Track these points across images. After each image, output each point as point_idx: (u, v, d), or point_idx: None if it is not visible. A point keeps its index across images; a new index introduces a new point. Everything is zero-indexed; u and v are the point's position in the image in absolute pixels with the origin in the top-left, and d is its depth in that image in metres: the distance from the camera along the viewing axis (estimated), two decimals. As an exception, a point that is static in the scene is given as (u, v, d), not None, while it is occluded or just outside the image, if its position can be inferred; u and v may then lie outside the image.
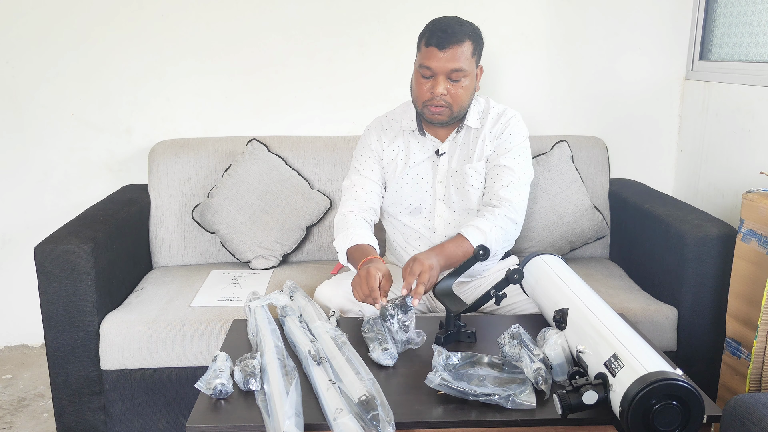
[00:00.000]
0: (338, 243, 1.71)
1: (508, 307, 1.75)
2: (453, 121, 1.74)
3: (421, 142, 1.80)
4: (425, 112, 1.71)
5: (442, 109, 1.68)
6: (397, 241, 1.88)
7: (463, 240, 1.66)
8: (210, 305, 1.90)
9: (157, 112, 2.45)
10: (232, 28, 2.39)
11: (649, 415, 1.04)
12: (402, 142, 1.82)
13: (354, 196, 1.79)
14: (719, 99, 2.28)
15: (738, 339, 1.68)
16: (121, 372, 1.80)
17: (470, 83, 1.69)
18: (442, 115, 1.69)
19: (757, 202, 1.62)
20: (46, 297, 1.75)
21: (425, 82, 1.67)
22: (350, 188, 1.81)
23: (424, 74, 1.66)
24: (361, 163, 1.83)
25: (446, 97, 1.66)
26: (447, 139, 1.79)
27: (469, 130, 1.79)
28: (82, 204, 2.33)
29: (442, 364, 1.24)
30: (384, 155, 1.82)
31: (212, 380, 1.22)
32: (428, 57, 1.64)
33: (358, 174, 1.82)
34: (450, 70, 1.63)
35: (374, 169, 1.82)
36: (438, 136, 1.80)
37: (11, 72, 2.38)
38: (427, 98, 1.67)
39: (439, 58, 1.62)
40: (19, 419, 2.10)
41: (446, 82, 1.65)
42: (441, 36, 1.62)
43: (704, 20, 2.42)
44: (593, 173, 2.36)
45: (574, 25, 2.45)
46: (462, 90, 1.67)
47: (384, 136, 1.83)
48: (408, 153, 1.81)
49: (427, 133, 1.80)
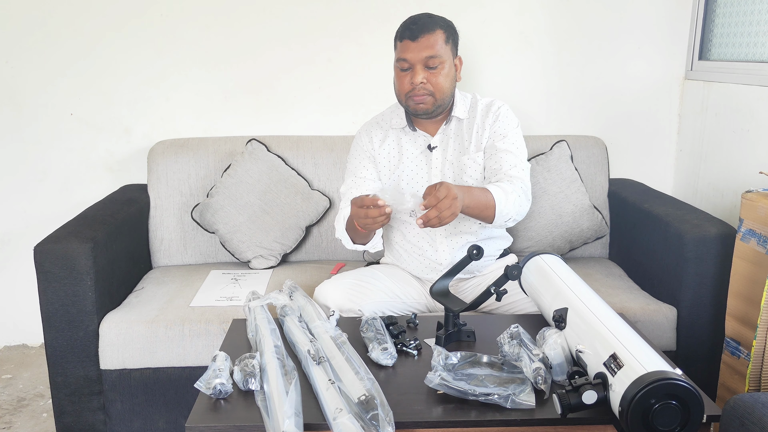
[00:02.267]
0: (339, 231, 1.77)
1: (507, 307, 1.75)
2: (438, 110, 1.75)
3: (412, 137, 1.82)
4: (410, 104, 1.73)
5: (425, 97, 1.70)
6: (395, 239, 1.88)
7: (487, 192, 1.61)
8: (209, 305, 1.90)
9: (157, 112, 2.45)
10: (231, 28, 2.39)
11: (649, 414, 1.04)
12: (393, 139, 1.84)
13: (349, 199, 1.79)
14: (718, 99, 2.28)
15: (737, 338, 1.68)
16: (121, 372, 1.80)
17: (449, 71, 1.72)
18: (425, 103, 1.71)
19: (756, 201, 1.62)
20: (45, 297, 1.75)
21: (404, 75, 1.71)
22: (348, 192, 1.83)
23: (402, 67, 1.70)
24: (356, 165, 1.85)
25: (427, 86, 1.69)
26: (437, 133, 1.81)
27: (459, 121, 1.81)
28: (81, 204, 2.33)
29: (441, 364, 1.24)
30: (377, 155, 1.84)
31: (212, 380, 1.22)
32: (403, 50, 1.69)
33: (354, 177, 1.84)
34: (425, 58, 1.67)
35: (370, 170, 1.84)
36: (428, 130, 1.82)
37: (11, 72, 2.38)
38: (408, 89, 1.71)
39: (412, 48, 1.67)
40: (18, 419, 2.10)
41: (424, 71, 1.68)
42: (412, 28, 1.68)
43: (703, 20, 2.42)
44: (592, 173, 2.36)
45: (574, 25, 2.45)
46: (442, 77, 1.70)
47: (375, 137, 1.85)
48: (400, 150, 1.83)
49: (417, 129, 1.82)
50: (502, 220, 1.66)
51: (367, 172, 1.84)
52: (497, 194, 1.62)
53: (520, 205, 1.69)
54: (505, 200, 1.63)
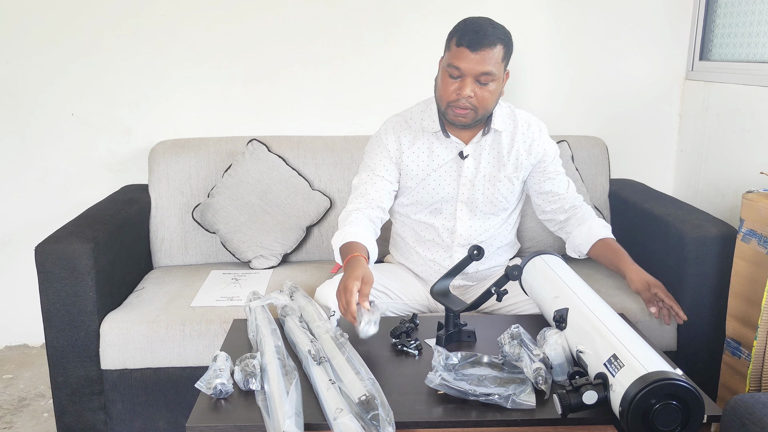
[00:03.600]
0: (333, 240, 1.67)
1: (508, 307, 1.75)
2: (475, 124, 1.70)
3: (444, 143, 1.76)
4: (449, 113, 1.67)
5: (467, 111, 1.64)
6: (407, 240, 1.86)
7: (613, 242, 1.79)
8: (210, 305, 1.90)
9: (158, 112, 2.45)
10: (232, 28, 2.39)
11: (649, 415, 1.04)
12: (424, 143, 1.76)
13: (363, 193, 1.74)
14: (719, 99, 2.28)
15: (738, 339, 1.68)
16: (122, 372, 1.80)
17: (497, 87, 1.65)
18: (466, 117, 1.65)
19: (757, 201, 1.62)
20: (46, 297, 1.75)
21: (452, 83, 1.63)
22: (360, 186, 1.76)
23: (452, 74, 1.62)
24: (375, 162, 1.77)
25: (472, 100, 1.62)
26: (471, 141, 1.75)
27: (497, 134, 1.76)
28: (82, 204, 2.33)
29: (442, 364, 1.24)
30: (405, 157, 1.77)
31: (212, 380, 1.22)
32: (458, 57, 1.59)
33: (370, 172, 1.76)
34: (479, 73, 1.59)
35: (389, 169, 1.76)
36: (461, 137, 1.75)
37: (12, 72, 2.39)
38: (452, 99, 1.63)
39: (469, 59, 1.58)
40: (19, 419, 2.10)
41: (474, 84, 1.61)
42: (473, 37, 1.58)
43: (704, 20, 2.42)
44: (593, 173, 2.36)
45: (575, 26, 2.45)
46: (488, 93, 1.63)
47: (404, 137, 1.77)
48: (431, 155, 1.76)
49: (451, 135, 1.75)
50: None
51: (385, 170, 1.75)
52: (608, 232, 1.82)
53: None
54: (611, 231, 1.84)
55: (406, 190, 1.79)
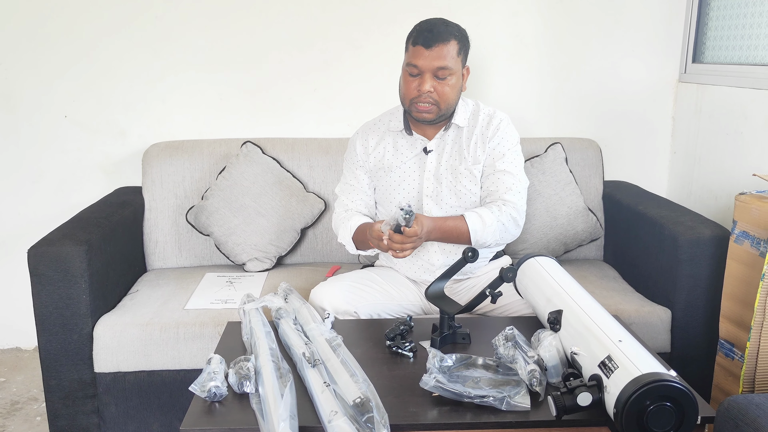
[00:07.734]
0: (343, 237, 1.80)
1: (502, 309, 1.75)
2: (440, 119, 1.76)
3: (408, 141, 1.83)
4: (412, 110, 1.74)
5: (430, 106, 1.71)
6: None
7: (463, 222, 1.70)
8: (204, 308, 1.89)
9: (152, 114, 2.44)
10: (227, 31, 2.39)
11: (643, 416, 1.04)
12: (389, 141, 1.85)
13: (342, 203, 1.88)
14: (712, 101, 2.30)
15: (731, 340, 1.68)
16: (115, 375, 1.80)
17: (456, 82, 1.72)
18: (430, 113, 1.72)
19: (749, 203, 1.62)
20: (39, 300, 1.74)
21: (412, 80, 1.71)
22: (340, 195, 1.89)
23: (411, 72, 1.70)
24: (348, 174, 1.89)
25: (433, 95, 1.70)
26: (435, 137, 1.81)
27: (458, 129, 1.82)
28: (75, 206, 2.32)
29: (436, 366, 1.24)
30: (370, 157, 1.85)
31: (206, 383, 1.21)
32: (415, 56, 1.68)
33: (346, 183, 1.89)
34: (436, 68, 1.67)
35: (360, 179, 1.87)
36: (425, 134, 1.83)
37: (5, 74, 2.38)
38: (414, 95, 1.71)
39: (425, 56, 1.67)
40: (12, 423, 2.09)
41: (433, 79, 1.69)
42: (427, 35, 1.67)
43: (697, 23, 2.44)
44: (587, 175, 2.36)
45: (568, 28, 2.46)
46: (448, 88, 1.71)
47: (370, 139, 1.86)
48: (395, 152, 1.84)
49: (415, 132, 1.82)
50: (480, 247, 1.73)
51: (356, 180, 1.87)
52: (474, 225, 1.69)
53: (505, 232, 1.74)
54: (482, 231, 1.70)
55: (377, 188, 1.87)
